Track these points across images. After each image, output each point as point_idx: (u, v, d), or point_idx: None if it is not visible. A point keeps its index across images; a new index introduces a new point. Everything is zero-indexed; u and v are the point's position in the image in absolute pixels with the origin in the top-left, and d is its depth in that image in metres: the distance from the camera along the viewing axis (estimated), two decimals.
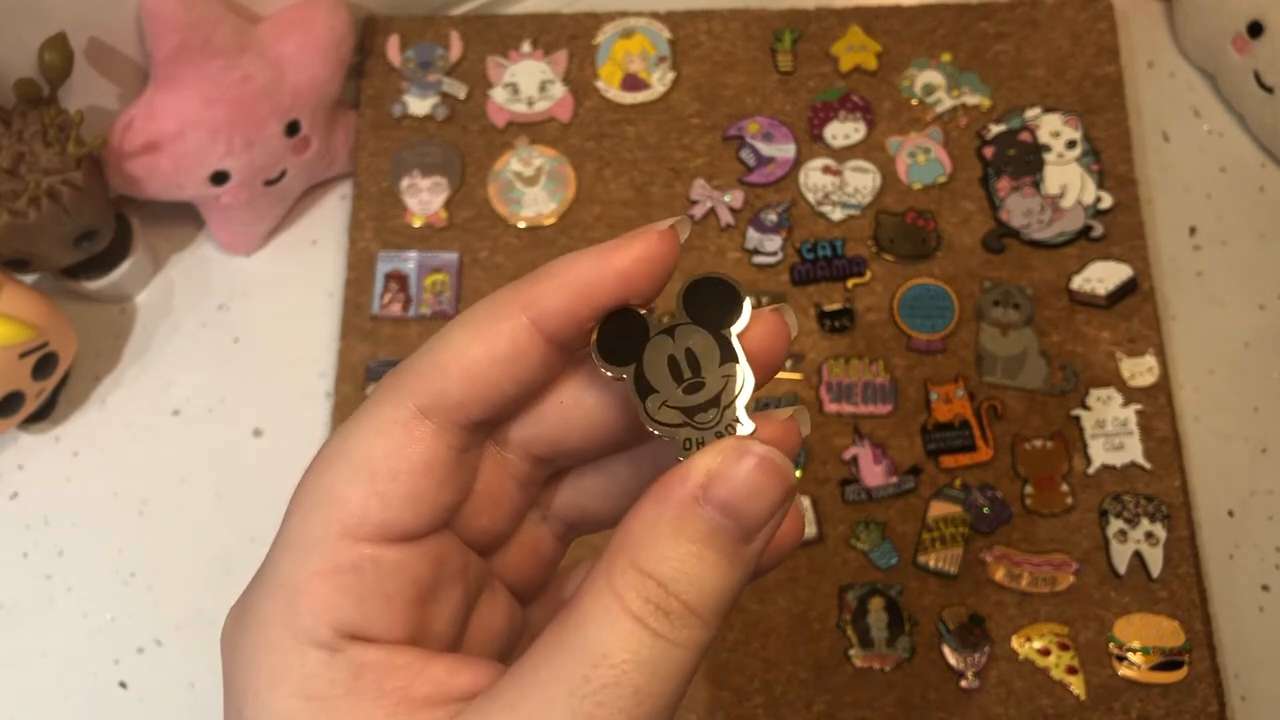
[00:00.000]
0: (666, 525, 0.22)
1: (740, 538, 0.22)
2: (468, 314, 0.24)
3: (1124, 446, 0.56)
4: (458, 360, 0.23)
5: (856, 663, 0.53)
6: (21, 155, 0.51)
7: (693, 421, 0.23)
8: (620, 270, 0.24)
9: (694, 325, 0.24)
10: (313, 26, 0.58)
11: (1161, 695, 0.52)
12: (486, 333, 0.24)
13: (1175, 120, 0.64)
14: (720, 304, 0.24)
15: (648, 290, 0.24)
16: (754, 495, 0.22)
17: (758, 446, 0.22)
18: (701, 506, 0.22)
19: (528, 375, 0.24)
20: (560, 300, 0.23)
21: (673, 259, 0.24)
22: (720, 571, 0.22)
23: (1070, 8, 0.64)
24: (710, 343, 0.24)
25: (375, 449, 0.23)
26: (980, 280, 0.59)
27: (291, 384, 0.60)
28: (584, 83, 0.64)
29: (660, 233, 0.24)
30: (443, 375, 0.23)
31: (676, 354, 0.24)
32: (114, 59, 0.56)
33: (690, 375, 0.23)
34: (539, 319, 0.23)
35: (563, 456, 0.26)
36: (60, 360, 0.56)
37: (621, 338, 0.24)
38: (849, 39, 0.64)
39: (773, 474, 0.22)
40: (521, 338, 0.23)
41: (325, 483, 0.23)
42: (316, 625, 0.22)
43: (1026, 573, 0.54)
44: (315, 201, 0.65)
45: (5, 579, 0.57)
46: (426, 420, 0.23)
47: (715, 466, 0.22)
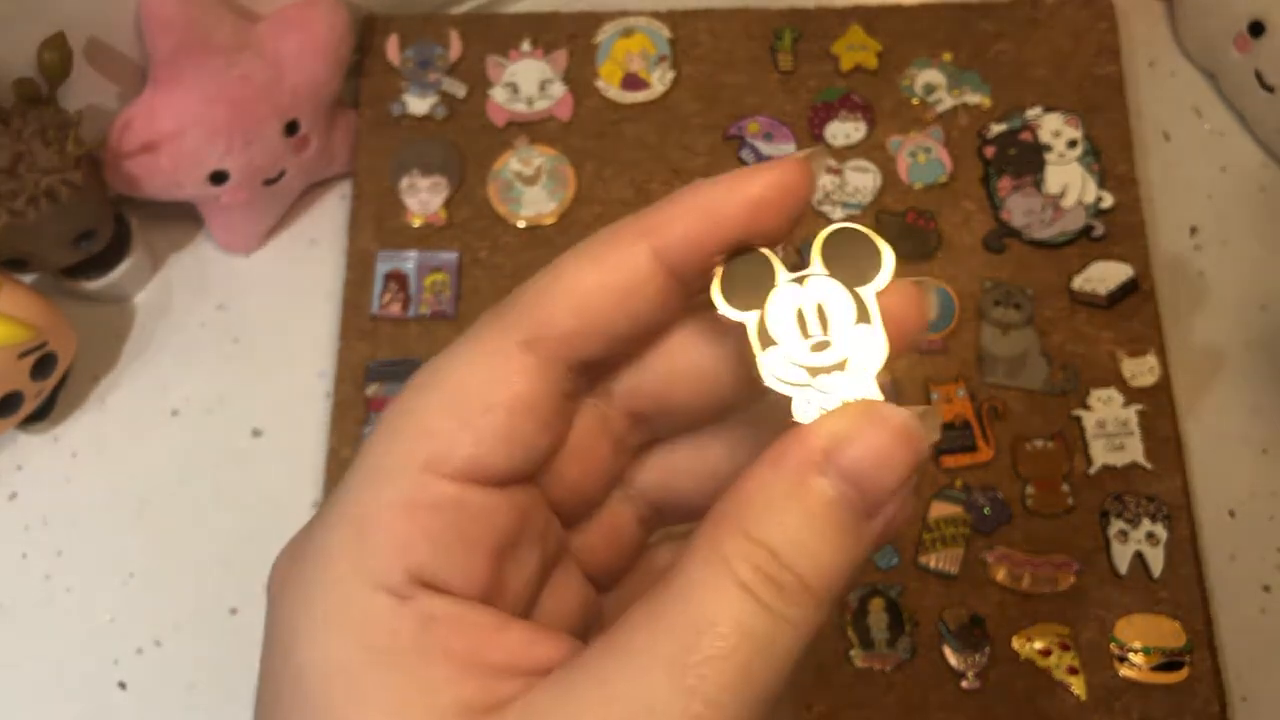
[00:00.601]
0: (782, 490, 0.20)
1: (863, 511, 0.20)
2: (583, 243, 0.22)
3: (1125, 447, 0.56)
4: (569, 289, 0.21)
5: (857, 663, 0.53)
6: (20, 155, 0.51)
7: (815, 383, 0.21)
8: (752, 198, 0.21)
9: (829, 277, 0.21)
10: (312, 26, 0.58)
11: (1163, 696, 0.52)
12: (603, 260, 0.21)
13: (1176, 120, 0.64)
14: (862, 258, 0.21)
15: (778, 225, 0.22)
16: (884, 466, 0.20)
17: (892, 410, 0.20)
18: (823, 473, 0.20)
19: (644, 310, 0.22)
20: (686, 227, 0.21)
21: (807, 192, 0.22)
22: (838, 546, 0.20)
23: (1071, 7, 0.64)
24: (846, 299, 0.21)
25: (472, 378, 0.21)
26: (981, 280, 0.59)
27: (291, 384, 0.60)
28: (584, 82, 0.64)
29: (796, 161, 0.22)
30: (552, 305, 0.21)
31: (806, 307, 0.21)
32: (113, 58, 0.56)
33: (819, 332, 0.21)
34: (662, 248, 0.21)
35: (664, 415, 0.24)
36: (59, 360, 0.56)
37: (747, 280, 0.21)
38: (849, 38, 0.63)
39: (908, 444, 0.20)
40: (642, 267, 0.21)
41: (413, 410, 0.21)
42: (388, 565, 0.20)
43: (1027, 573, 0.54)
44: (314, 201, 0.65)
45: (4, 580, 0.57)
46: (530, 354, 0.21)
47: (842, 430, 0.20)
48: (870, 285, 0.21)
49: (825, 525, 0.20)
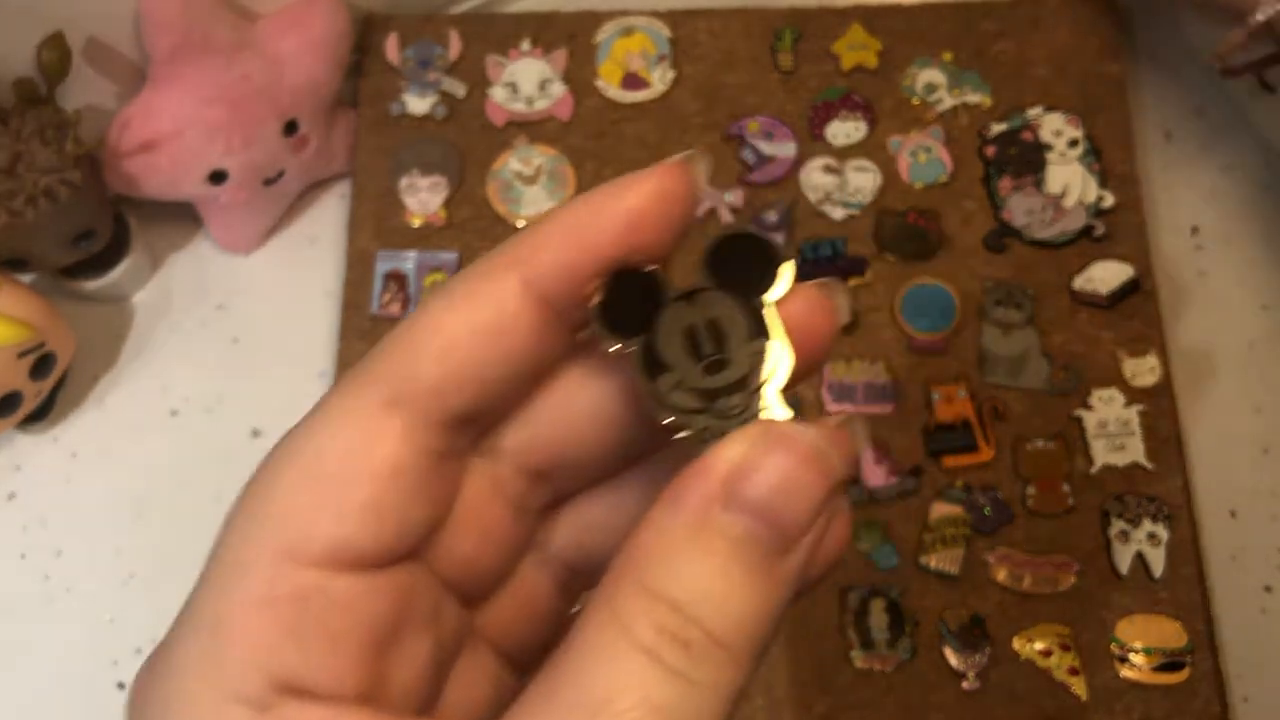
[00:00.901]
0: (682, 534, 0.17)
1: (776, 548, 0.18)
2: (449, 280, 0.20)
3: (1126, 447, 0.55)
4: (432, 335, 0.19)
5: (857, 664, 0.53)
6: (19, 155, 0.51)
7: (713, 408, 0.19)
8: (627, 211, 0.19)
9: (720, 291, 0.19)
10: (311, 25, 0.58)
11: (1163, 696, 0.52)
12: (468, 299, 0.19)
13: (1178, 119, 0.64)
14: (754, 266, 0.19)
15: (660, 240, 0.20)
16: (792, 493, 0.18)
17: (792, 429, 0.18)
18: (725, 509, 0.17)
19: (518, 351, 0.19)
20: (555, 252, 0.19)
21: (689, 201, 0.20)
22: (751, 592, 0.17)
23: (1072, 6, 0.64)
24: (738, 313, 0.19)
25: (329, 448, 0.19)
26: (982, 280, 0.59)
27: (290, 384, 0.60)
28: (584, 81, 0.63)
29: (672, 166, 0.19)
30: (415, 354, 0.19)
31: (697, 325, 0.19)
32: (112, 58, 0.56)
33: (712, 351, 0.19)
34: (533, 278, 0.19)
35: (564, 470, 0.22)
36: (58, 360, 0.56)
37: (630, 303, 0.19)
38: (850, 37, 0.63)
39: (813, 465, 0.18)
40: (510, 302, 0.19)
41: (267, 490, 0.19)
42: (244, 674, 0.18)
43: (1028, 573, 0.54)
44: (314, 201, 0.64)
45: (3, 580, 0.57)
46: (395, 413, 0.19)
47: (742, 458, 0.18)
48: (768, 295, 0.19)
49: (732, 568, 0.17)
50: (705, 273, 0.20)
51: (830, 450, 0.18)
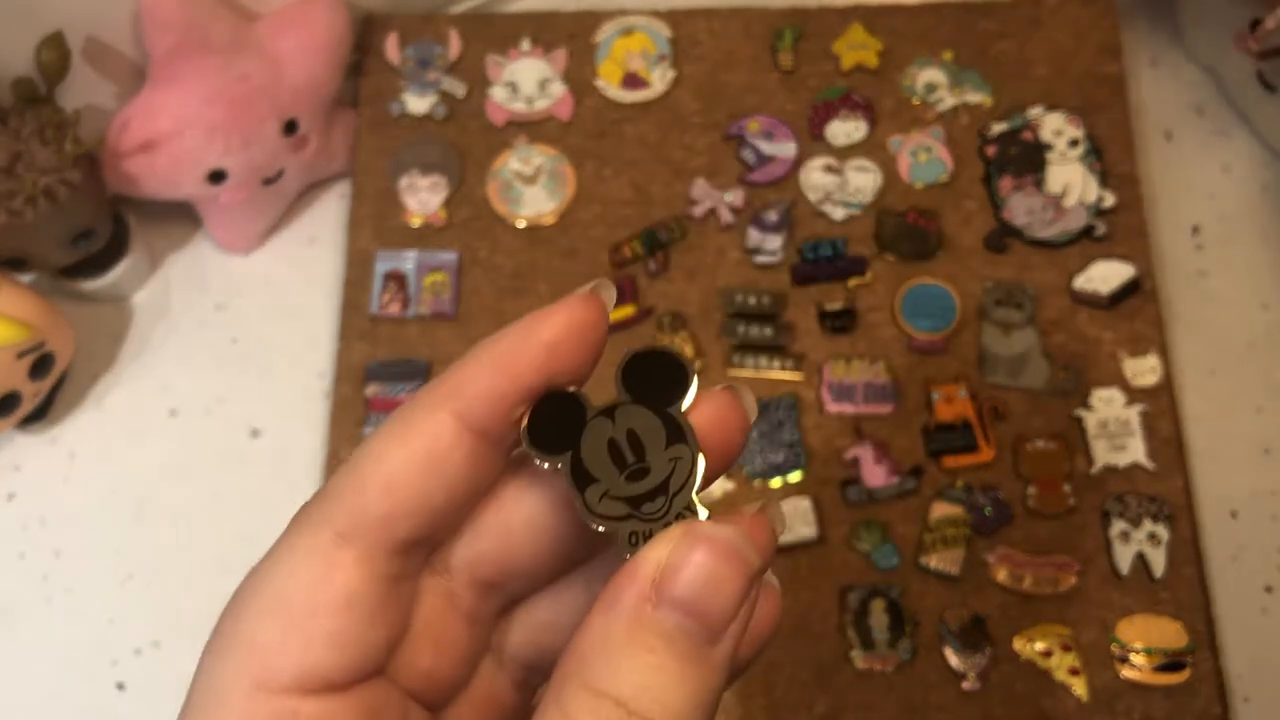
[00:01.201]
0: (619, 635, 0.19)
1: (705, 639, 0.19)
2: (388, 419, 0.22)
3: (1126, 447, 0.55)
4: (375, 470, 0.21)
5: (858, 664, 0.53)
6: (19, 154, 0.51)
7: (639, 513, 0.21)
8: (544, 342, 0.21)
9: (635, 404, 0.21)
10: (311, 25, 0.58)
11: (1164, 697, 0.52)
12: (406, 435, 0.21)
13: (1178, 119, 0.64)
14: (665, 379, 0.21)
15: (578, 364, 0.21)
16: (713, 587, 0.19)
17: (710, 529, 0.20)
18: (656, 608, 0.19)
19: (457, 479, 0.21)
20: (482, 385, 0.21)
21: (601, 325, 0.22)
22: (687, 681, 0.19)
23: (1073, 6, 0.64)
24: (655, 423, 0.21)
25: (291, 582, 0.20)
26: (982, 280, 0.59)
27: (290, 384, 0.60)
28: (584, 81, 0.63)
29: (584, 298, 0.21)
30: (361, 490, 0.21)
31: (618, 437, 0.21)
32: (111, 58, 0.56)
33: (633, 460, 0.21)
34: (463, 410, 0.21)
35: (512, 579, 0.23)
36: (57, 360, 0.56)
37: (555, 423, 0.21)
38: (850, 37, 0.63)
39: (731, 559, 0.19)
40: (444, 435, 0.21)
41: (236, 624, 0.20)
42: None
43: (1029, 574, 0.54)
44: (313, 200, 0.64)
45: (2, 580, 0.57)
46: (347, 546, 0.20)
47: (666, 559, 0.19)
48: (679, 403, 0.21)
49: (668, 661, 0.19)
50: (621, 388, 0.21)
51: (746, 544, 0.20)
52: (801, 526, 0.55)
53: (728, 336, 0.58)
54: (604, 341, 0.22)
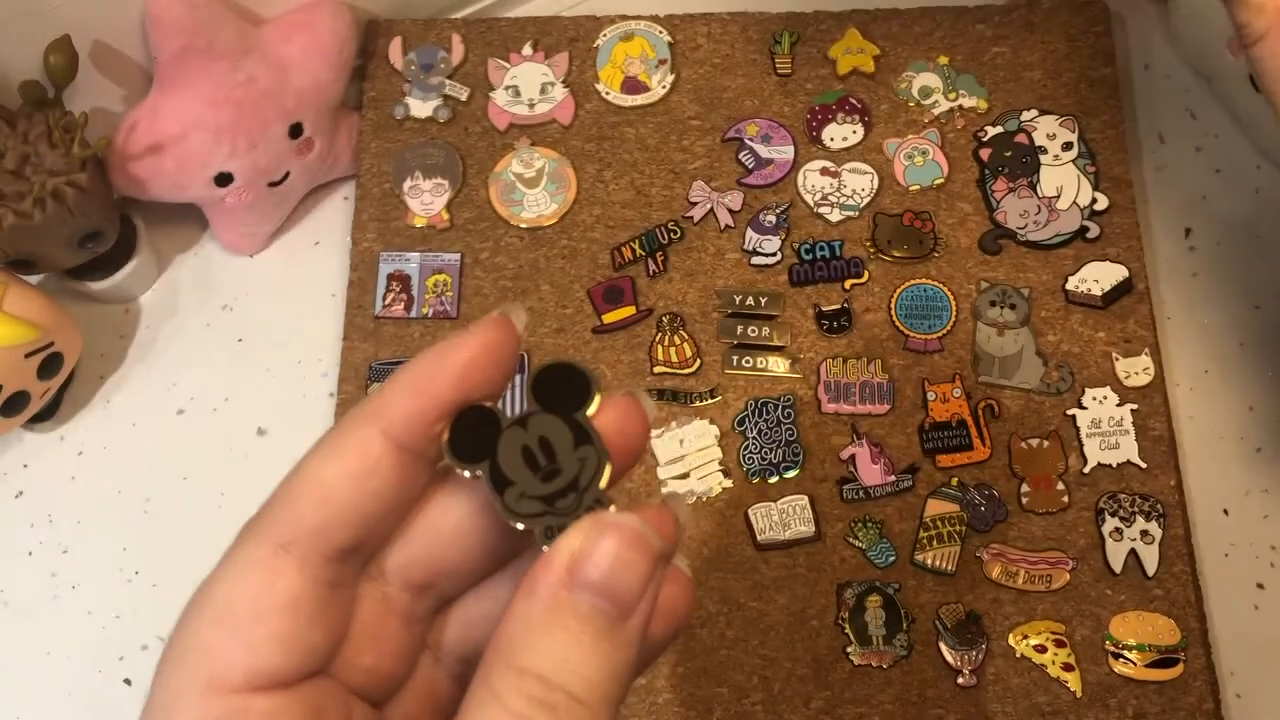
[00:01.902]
0: (539, 617, 0.21)
1: (617, 617, 0.21)
2: (321, 438, 0.23)
3: (1119, 446, 0.56)
4: (311, 485, 0.23)
5: (854, 660, 0.53)
6: (26, 157, 0.52)
7: (554, 509, 0.23)
8: (459, 363, 0.23)
9: (545, 413, 0.23)
10: (316, 29, 0.59)
11: (1157, 692, 0.52)
12: (338, 451, 0.23)
13: (1171, 122, 0.65)
14: (571, 389, 0.24)
15: (492, 381, 0.23)
16: (622, 569, 0.21)
17: (616, 517, 0.22)
18: (571, 591, 0.21)
19: (386, 490, 0.23)
20: (404, 404, 0.23)
21: (512, 346, 0.24)
22: (602, 655, 0.21)
23: (1066, 10, 0.64)
24: (563, 428, 0.23)
25: (236, 591, 0.22)
26: (977, 281, 0.59)
27: (295, 383, 0.61)
28: (584, 85, 0.64)
29: (493, 321, 0.24)
30: (298, 502, 0.23)
31: (530, 443, 0.23)
32: (118, 61, 0.57)
33: (546, 463, 0.23)
34: (388, 428, 0.23)
35: (443, 580, 0.25)
36: (65, 360, 0.57)
37: (473, 435, 0.23)
38: (847, 42, 0.64)
39: (636, 544, 0.21)
40: (372, 449, 0.23)
41: (187, 632, 0.22)
42: None
43: (1023, 571, 0.54)
44: (318, 203, 0.65)
45: (10, 577, 0.58)
46: (287, 555, 0.22)
47: (578, 547, 0.21)
48: (585, 409, 0.23)
49: (584, 638, 0.21)
50: (532, 399, 0.24)
51: (649, 531, 0.22)
52: (799, 524, 0.56)
53: (726, 336, 0.59)
54: (515, 359, 0.24)
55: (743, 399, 0.58)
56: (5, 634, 0.57)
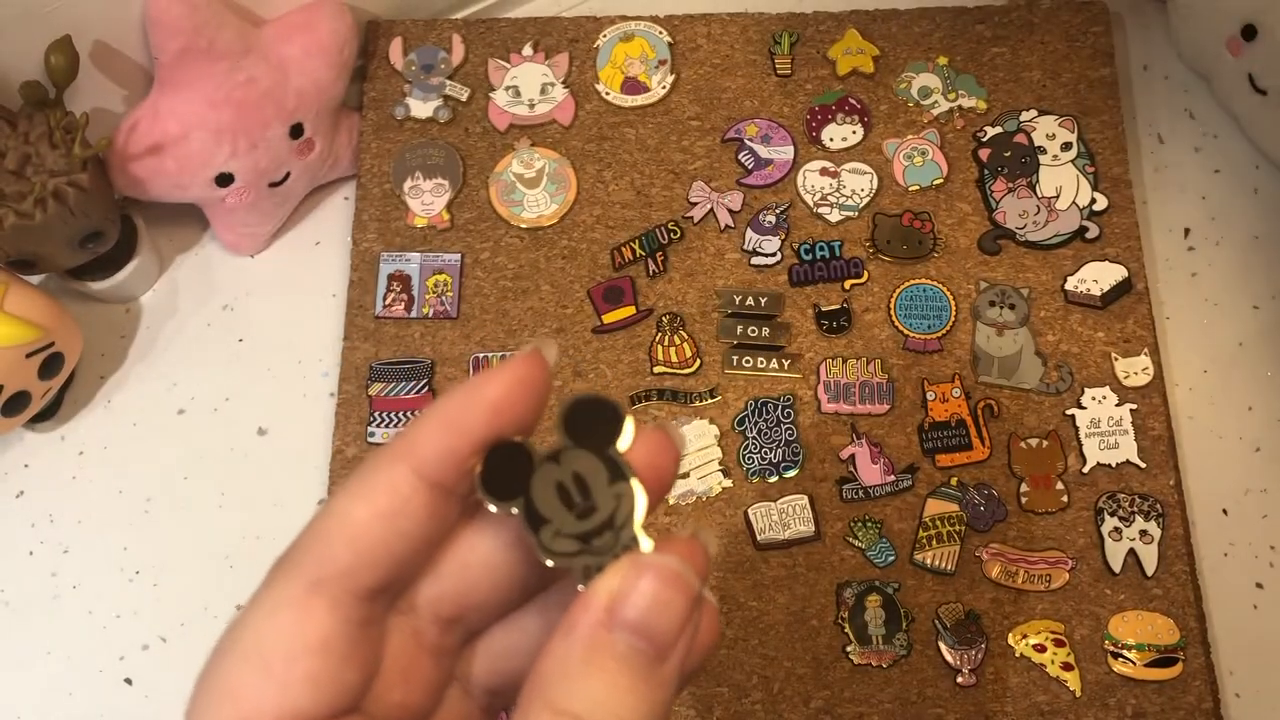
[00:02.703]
0: (578, 657, 0.21)
1: (655, 657, 0.21)
2: (351, 476, 0.23)
3: (1119, 445, 0.56)
4: (341, 525, 0.22)
5: (854, 659, 0.53)
6: (28, 157, 0.52)
7: (590, 548, 0.22)
8: (490, 400, 0.23)
9: (578, 448, 0.23)
10: (316, 30, 0.59)
11: (1156, 692, 0.52)
12: (367, 491, 0.23)
13: (1170, 122, 0.65)
14: (602, 423, 0.23)
15: (524, 417, 0.23)
16: (660, 610, 0.21)
17: (654, 558, 0.22)
18: (610, 631, 0.21)
19: (416, 529, 0.23)
20: (435, 442, 0.22)
21: (544, 381, 0.23)
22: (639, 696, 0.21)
23: (1066, 11, 0.64)
24: (597, 464, 0.23)
25: (267, 632, 0.22)
26: (976, 281, 0.60)
27: (295, 383, 0.61)
28: (584, 85, 0.64)
29: (525, 357, 0.23)
30: (328, 543, 0.22)
31: (564, 480, 0.23)
32: (119, 62, 0.57)
33: (581, 500, 0.23)
34: (419, 466, 0.22)
35: (472, 613, 0.25)
36: (66, 360, 0.57)
37: (506, 471, 0.23)
38: (846, 42, 0.64)
39: (675, 584, 0.21)
40: (403, 489, 0.22)
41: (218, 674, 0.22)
42: None
43: (1022, 570, 0.54)
44: (318, 203, 0.65)
45: (11, 576, 0.58)
46: (319, 595, 0.22)
47: (616, 588, 0.21)
48: (617, 444, 0.23)
49: (622, 679, 0.21)
50: (563, 435, 0.23)
51: (687, 570, 0.22)
52: (798, 524, 0.56)
53: (725, 336, 0.59)
54: (547, 395, 0.24)
55: (742, 399, 0.58)
56: (6, 634, 0.57)
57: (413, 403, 0.58)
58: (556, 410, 0.23)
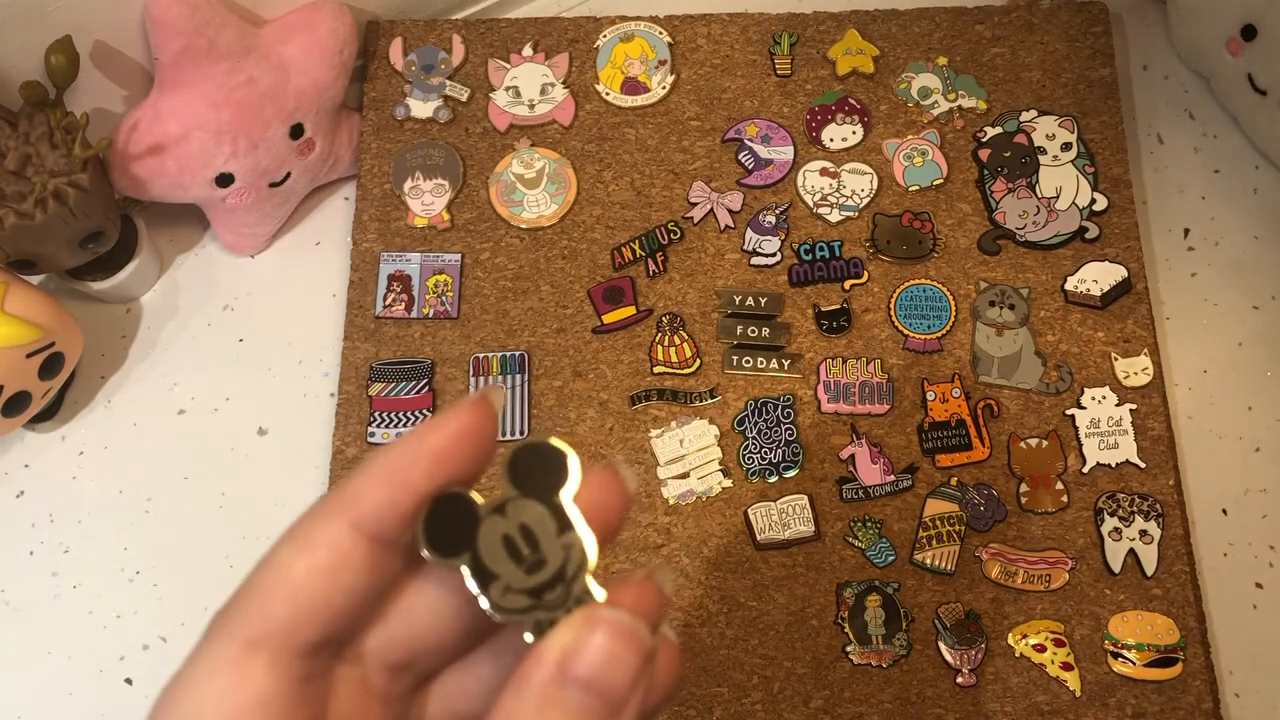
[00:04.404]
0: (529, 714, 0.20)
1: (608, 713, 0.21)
2: (289, 528, 0.22)
3: (1118, 445, 0.56)
4: (280, 580, 0.22)
5: (854, 659, 0.53)
6: (28, 157, 0.52)
7: (541, 602, 0.22)
8: (433, 451, 0.22)
9: (524, 498, 0.22)
10: (316, 30, 0.59)
11: (1156, 692, 0.52)
12: (306, 544, 0.22)
13: (1169, 122, 0.65)
14: (548, 469, 0.22)
15: (468, 469, 0.22)
16: (612, 665, 0.21)
17: (607, 613, 0.21)
18: (561, 688, 0.21)
19: (358, 583, 0.22)
20: (376, 495, 0.22)
21: (490, 430, 0.23)
22: None
23: (1066, 11, 0.64)
24: (544, 514, 0.22)
25: (204, 695, 0.21)
26: (976, 281, 0.60)
27: (296, 383, 0.61)
28: (584, 86, 0.64)
29: (470, 406, 0.22)
30: (266, 600, 0.22)
31: (511, 533, 0.22)
32: (119, 62, 0.57)
33: (529, 553, 0.22)
34: (359, 520, 0.22)
35: (422, 659, 0.24)
36: (66, 360, 0.57)
37: (451, 525, 0.22)
38: (846, 42, 0.64)
39: (627, 639, 0.21)
40: (342, 543, 0.22)
41: None
42: None
43: (1022, 570, 0.54)
44: (319, 203, 0.65)
45: (12, 576, 0.58)
46: (258, 653, 0.21)
47: (568, 643, 0.21)
48: (564, 490, 0.22)
49: None
50: (508, 483, 0.22)
51: (639, 624, 0.21)
52: (798, 523, 0.56)
53: (725, 336, 0.59)
54: (493, 445, 0.23)
55: (742, 399, 0.58)
56: (6, 634, 0.57)
57: (413, 403, 0.58)
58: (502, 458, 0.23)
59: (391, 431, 0.58)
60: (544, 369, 0.59)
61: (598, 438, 0.57)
